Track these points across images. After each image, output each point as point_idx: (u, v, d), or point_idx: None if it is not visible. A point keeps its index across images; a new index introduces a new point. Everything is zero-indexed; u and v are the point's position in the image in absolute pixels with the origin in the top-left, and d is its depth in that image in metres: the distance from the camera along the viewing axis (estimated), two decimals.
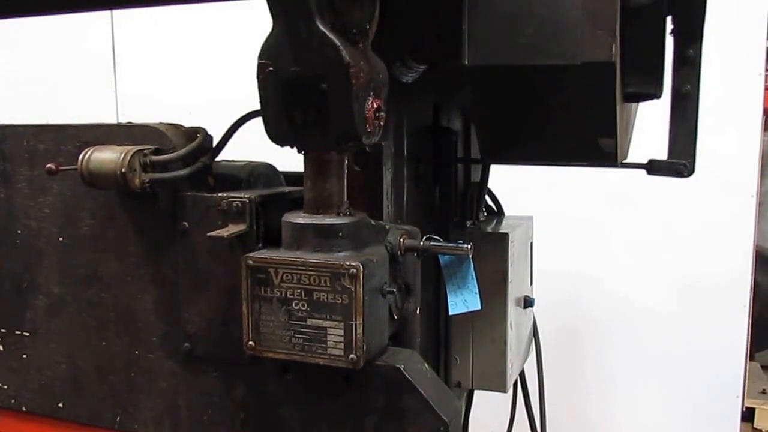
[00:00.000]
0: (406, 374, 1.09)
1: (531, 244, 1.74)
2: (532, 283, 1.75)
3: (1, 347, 1.44)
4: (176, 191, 1.23)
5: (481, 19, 1.14)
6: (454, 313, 1.39)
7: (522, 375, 1.75)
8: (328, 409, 1.16)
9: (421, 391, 1.09)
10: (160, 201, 1.24)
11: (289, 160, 1.24)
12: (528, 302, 1.66)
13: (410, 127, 1.36)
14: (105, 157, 1.18)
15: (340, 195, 1.12)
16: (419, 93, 1.34)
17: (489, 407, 1.83)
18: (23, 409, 1.44)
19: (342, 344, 1.05)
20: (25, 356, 1.42)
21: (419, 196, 1.44)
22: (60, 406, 1.40)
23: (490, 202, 1.74)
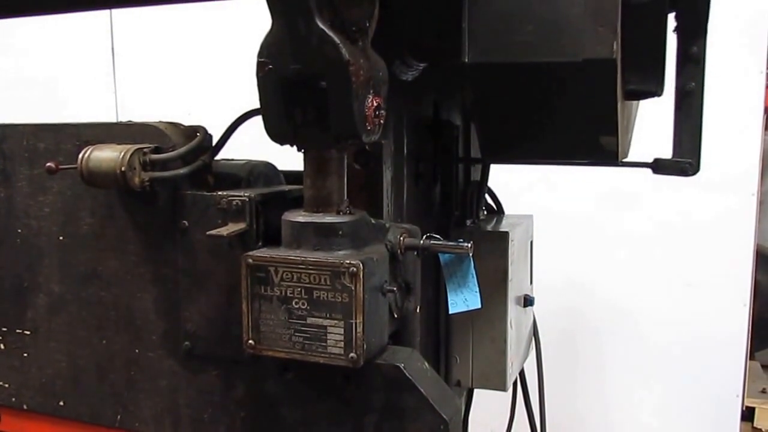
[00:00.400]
0: (406, 373, 1.09)
1: (531, 243, 1.74)
2: (532, 282, 1.75)
3: (2, 346, 1.44)
4: (176, 190, 1.23)
5: (481, 16, 1.14)
6: (454, 311, 1.39)
7: (522, 374, 1.75)
8: (328, 408, 1.16)
9: (421, 389, 1.09)
10: (160, 200, 1.24)
11: (289, 159, 1.24)
12: (528, 301, 1.66)
13: (410, 125, 1.36)
14: (105, 155, 1.18)
15: (339, 193, 1.12)
16: (419, 91, 1.34)
17: (489, 406, 1.82)
18: (24, 407, 1.44)
19: (342, 343, 1.05)
20: (25, 355, 1.42)
21: (419, 195, 1.43)
22: (61, 404, 1.40)
23: (490, 200, 1.74)
